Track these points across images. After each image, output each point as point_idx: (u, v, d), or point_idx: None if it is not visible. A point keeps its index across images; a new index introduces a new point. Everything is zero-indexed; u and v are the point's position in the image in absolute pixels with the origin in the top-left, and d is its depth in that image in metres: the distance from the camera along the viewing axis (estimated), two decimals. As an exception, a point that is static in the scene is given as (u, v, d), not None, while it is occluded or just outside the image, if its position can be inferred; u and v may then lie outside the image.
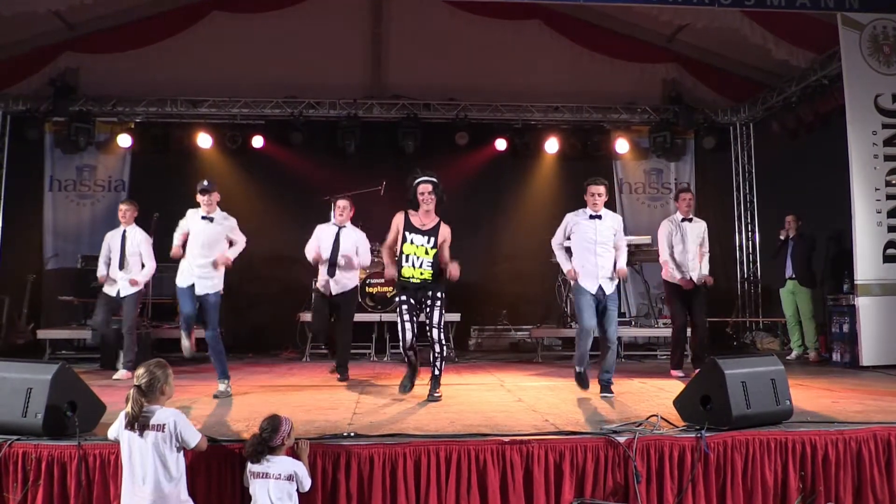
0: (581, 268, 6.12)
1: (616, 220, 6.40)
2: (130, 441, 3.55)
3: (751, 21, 8.78)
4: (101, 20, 9.87)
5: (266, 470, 3.66)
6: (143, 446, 3.53)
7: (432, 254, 5.80)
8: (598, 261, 6.09)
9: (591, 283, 6.06)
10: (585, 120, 11.36)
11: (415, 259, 5.79)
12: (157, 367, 3.68)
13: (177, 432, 3.58)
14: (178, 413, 3.66)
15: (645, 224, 11.31)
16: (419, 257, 5.79)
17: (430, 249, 5.79)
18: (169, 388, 3.69)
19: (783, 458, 4.19)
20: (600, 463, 4.07)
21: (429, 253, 5.79)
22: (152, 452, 3.51)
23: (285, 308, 9.92)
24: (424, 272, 5.76)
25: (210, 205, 6.27)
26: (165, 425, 3.56)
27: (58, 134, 10.93)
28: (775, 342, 10.25)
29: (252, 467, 3.70)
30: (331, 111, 11.08)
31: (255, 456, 3.69)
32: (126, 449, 3.56)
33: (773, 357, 4.75)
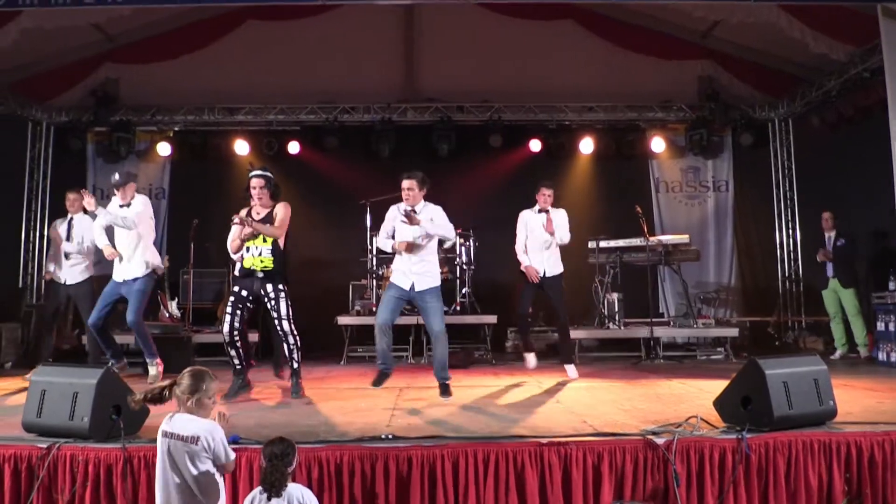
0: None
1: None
2: (163, 449, 3.33)
3: (788, 15, 8.62)
4: (139, 31, 10.08)
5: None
6: (172, 458, 3.29)
7: (270, 241, 5.85)
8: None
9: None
10: (620, 119, 11.28)
11: (253, 248, 5.86)
12: (194, 376, 3.40)
13: (208, 446, 3.29)
14: (215, 427, 3.37)
15: (682, 223, 11.22)
16: (257, 246, 5.86)
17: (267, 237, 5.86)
18: (208, 398, 3.39)
19: (827, 459, 4.11)
20: (639, 465, 4.03)
21: (267, 241, 5.85)
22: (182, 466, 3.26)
23: (323, 311, 10.00)
24: (265, 260, 5.84)
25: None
26: (199, 438, 3.28)
27: (99, 143, 11.21)
28: (819, 341, 10.04)
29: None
30: (365, 115, 11.16)
31: (277, 489, 3.34)
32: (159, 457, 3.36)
33: (815, 356, 4.67)
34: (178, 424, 3.30)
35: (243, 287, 5.91)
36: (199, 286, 9.71)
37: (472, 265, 9.97)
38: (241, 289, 5.91)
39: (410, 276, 5.93)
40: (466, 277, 9.97)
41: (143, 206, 6.85)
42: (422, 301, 5.94)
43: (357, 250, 10.25)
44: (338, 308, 9.82)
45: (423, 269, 5.96)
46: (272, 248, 5.86)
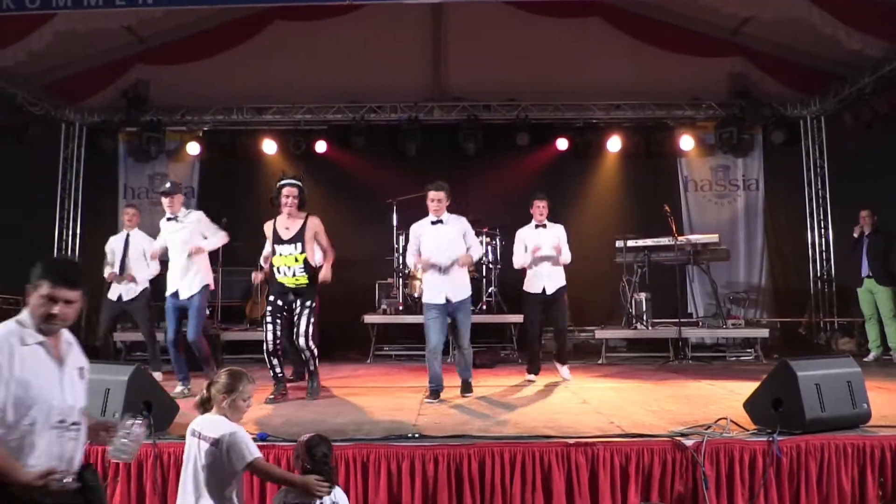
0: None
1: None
2: (189, 447, 3.29)
3: (820, 10, 8.47)
4: (169, 33, 10.20)
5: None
6: (198, 457, 3.22)
7: (302, 259, 5.84)
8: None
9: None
10: (648, 117, 11.18)
11: (285, 269, 5.86)
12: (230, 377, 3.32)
13: (227, 447, 3.17)
14: (238, 428, 3.26)
15: (712, 222, 11.09)
16: (290, 266, 5.85)
17: (298, 256, 5.85)
18: (241, 399, 3.30)
19: (860, 463, 4.04)
20: (667, 466, 3.99)
21: (298, 260, 5.84)
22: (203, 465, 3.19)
23: (349, 310, 10.04)
24: (299, 279, 5.86)
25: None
26: (220, 439, 3.19)
27: (130, 143, 11.37)
28: (852, 343, 9.86)
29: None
30: (392, 115, 11.18)
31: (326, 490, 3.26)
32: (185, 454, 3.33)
33: (848, 358, 4.59)
34: (205, 424, 3.27)
35: (278, 297, 5.94)
36: (228, 284, 9.81)
37: (499, 264, 9.95)
38: (276, 298, 5.95)
39: (443, 289, 5.94)
40: (493, 276, 9.95)
41: (196, 223, 6.71)
42: (455, 314, 6.01)
43: (383, 249, 10.29)
44: (364, 307, 9.86)
45: (456, 280, 5.99)
46: (304, 267, 5.87)
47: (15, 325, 2.61)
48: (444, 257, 5.97)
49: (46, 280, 2.61)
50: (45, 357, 2.62)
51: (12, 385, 2.49)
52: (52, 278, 2.62)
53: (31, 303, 2.62)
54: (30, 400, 2.52)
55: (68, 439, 2.63)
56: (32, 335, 2.60)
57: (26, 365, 2.55)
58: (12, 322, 2.63)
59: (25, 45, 8.62)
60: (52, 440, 2.58)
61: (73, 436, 2.65)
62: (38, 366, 2.58)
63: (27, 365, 2.55)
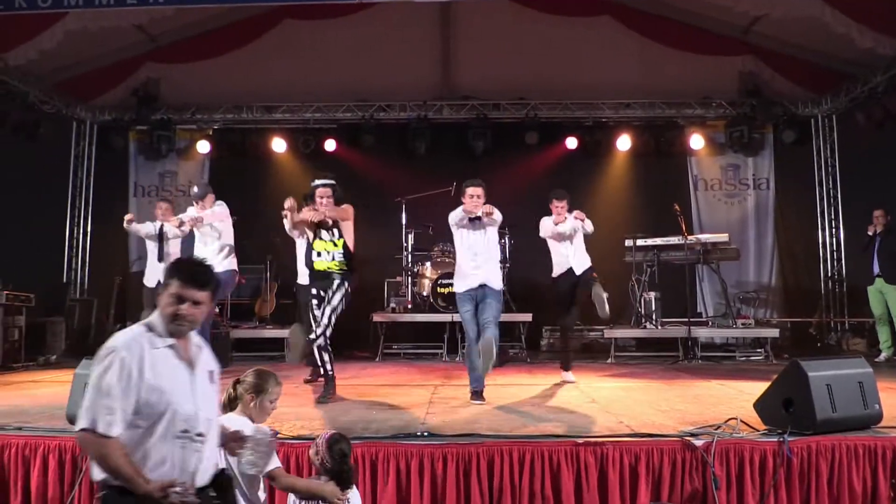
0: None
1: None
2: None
3: (832, 9, 8.43)
4: (180, 31, 10.25)
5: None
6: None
7: (341, 244, 5.90)
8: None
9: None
10: (658, 116, 11.15)
11: (325, 254, 5.89)
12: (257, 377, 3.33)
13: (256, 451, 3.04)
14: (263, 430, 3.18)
15: (722, 222, 11.05)
16: (329, 251, 5.90)
17: (337, 241, 5.92)
18: (268, 401, 3.31)
19: (872, 464, 4.01)
20: (677, 466, 3.97)
21: (337, 245, 5.91)
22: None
23: (358, 308, 10.03)
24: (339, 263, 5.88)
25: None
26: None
27: (141, 142, 11.43)
28: (862, 343, 9.81)
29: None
30: (401, 113, 11.19)
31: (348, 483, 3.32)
32: None
33: (860, 359, 4.56)
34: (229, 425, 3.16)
35: (320, 288, 5.88)
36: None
37: (508, 263, 9.94)
38: (318, 290, 5.89)
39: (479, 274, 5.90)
40: (502, 275, 9.92)
41: (219, 207, 6.85)
42: (483, 299, 5.86)
43: (393, 248, 10.29)
44: (373, 305, 9.87)
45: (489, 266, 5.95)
46: (343, 251, 5.88)
47: (143, 328, 2.57)
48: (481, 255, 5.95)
49: (176, 279, 2.57)
50: (175, 361, 2.56)
51: (143, 391, 2.44)
52: (182, 277, 2.57)
53: (161, 302, 2.58)
54: (162, 405, 2.47)
55: (192, 451, 2.55)
56: (162, 338, 2.55)
57: (157, 369, 2.49)
58: (140, 325, 2.58)
59: (37, 43, 8.69)
60: (175, 450, 2.50)
61: (197, 447, 2.56)
62: (169, 370, 2.53)
63: (158, 369, 2.49)
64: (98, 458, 2.41)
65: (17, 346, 8.64)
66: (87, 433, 2.40)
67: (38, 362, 8.82)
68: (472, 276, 5.91)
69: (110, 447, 2.39)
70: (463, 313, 5.95)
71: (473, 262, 5.95)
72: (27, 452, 4.18)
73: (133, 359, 2.45)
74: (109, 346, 2.48)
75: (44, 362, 8.90)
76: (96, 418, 2.39)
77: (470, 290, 5.90)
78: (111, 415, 2.39)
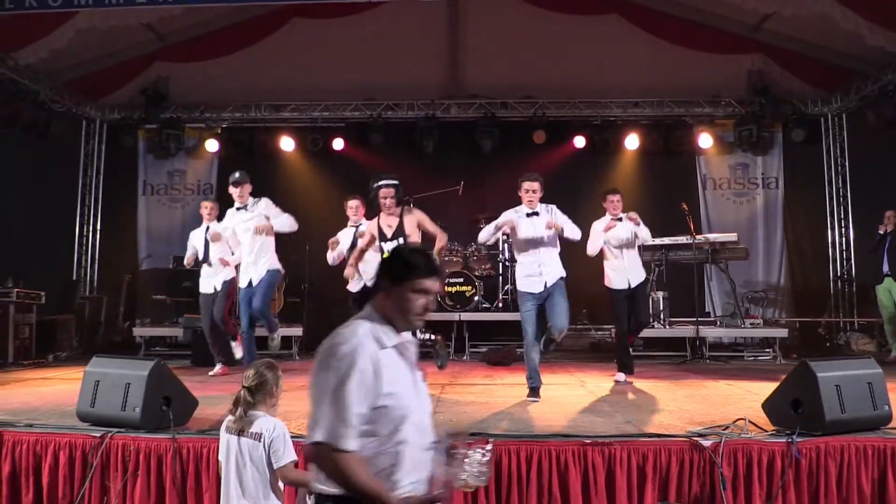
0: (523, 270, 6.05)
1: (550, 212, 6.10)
2: (229, 446, 3.34)
3: (842, 6, 8.38)
4: (188, 30, 10.28)
5: None
6: (240, 455, 3.30)
7: None
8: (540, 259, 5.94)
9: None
10: (667, 115, 11.11)
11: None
12: (268, 369, 3.41)
13: (269, 443, 3.26)
14: (280, 424, 3.36)
15: (731, 221, 10.99)
16: None
17: None
18: (278, 390, 3.42)
19: (881, 465, 4.00)
20: (685, 467, 3.97)
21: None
22: (249, 464, 3.27)
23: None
24: None
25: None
26: (262, 434, 3.28)
27: (150, 140, 11.47)
28: (872, 343, 9.75)
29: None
30: (409, 112, 11.19)
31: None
32: (224, 453, 3.38)
33: (870, 359, 4.54)
34: (246, 421, 3.31)
35: None
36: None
37: (515, 262, 9.91)
38: None
39: (543, 276, 5.85)
40: (509, 274, 9.94)
41: (264, 209, 6.84)
42: (551, 297, 5.82)
43: (400, 246, 10.29)
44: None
45: (551, 264, 5.91)
46: None
47: (368, 324, 2.33)
48: (544, 254, 5.90)
49: (418, 273, 2.38)
50: (401, 361, 2.36)
51: (380, 397, 2.21)
52: (425, 270, 2.39)
53: (401, 297, 2.36)
54: (398, 412, 2.25)
55: (426, 460, 2.35)
56: (390, 335, 2.34)
57: (390, 373, 2.27)
58: (362, 322, 2.33)
59: (48, 42, 8.74)
60: (417, 458, 2.30)
61: (429, 456, 2.37)
62: (399, 373, 2.32)
63: (391, 372, 2.27)
64: (336, 473, 2.17)
65: (27, 344, 8.71)
66: (323, 447, 2.16)
67: (48, 360, 8.87)
68: (536, 279, 5.86)
69: (352, 462, 2.16)
70: (524, 312, 5.90)
71: (535, 261, 5.89)
72: (38, 449, 4.22)
73: (368, 362, 2.21)
74: (343, 350, 2.22)
75: (54, 360, 8.96)
76: (335, 431, 2.14)
77: (534, 292, 5.85)
78: (350, 427, 2.16)
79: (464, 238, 10.00)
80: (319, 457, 2.19)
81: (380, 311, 2.38)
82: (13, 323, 8.43)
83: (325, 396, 2.17)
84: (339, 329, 2.30)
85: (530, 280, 5.89)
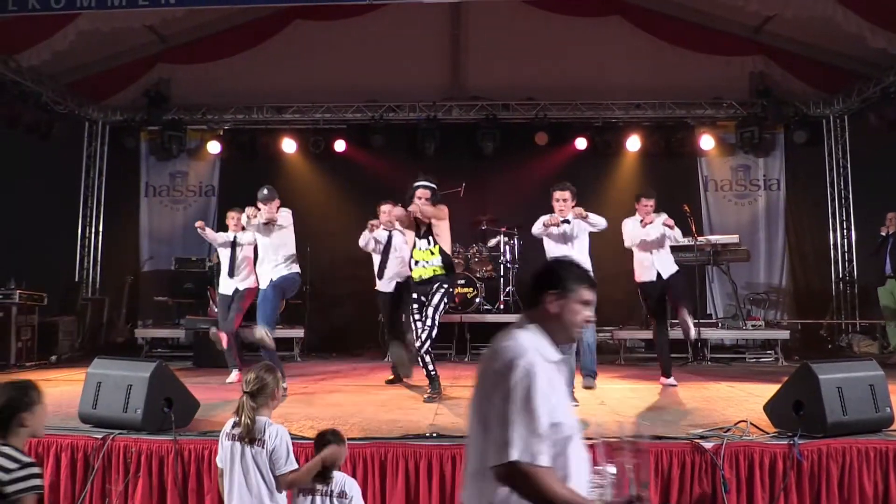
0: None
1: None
2: (233, 452, 3.32)
3: (844, 8, 8.37)
4: (190, 32, 10.31)
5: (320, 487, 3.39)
6: (245, 461, 3.28)
7: (437, 250, 5.90)
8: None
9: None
10: (668, 116, 11.10)
11: (423, 262, 5.92)
12: (267, 372, 3.39)
13: (271, 450, 3.26)
14: (284, 432, 3.35)
15: (732, 223, 10.99)
16: (427, 260, 5.91)
17: (433, 250, 5.92)
18: (279, 392, 3.43)
19: (883, 467, 4.00)
20: (686, 469, 3.97)
21: (434, 253, 5.90)
22: (253, 469, 3.26)
23: (367, 308, 10.08)
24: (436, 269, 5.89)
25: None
26: (266, 441, 3.28)
27: (152, 142, 11.48)
28: (874, 345, 9.72)
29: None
30: (410, 114, 11.19)
31: (325, 479, 3.39)
32: (227, 459, 3.35)
33: (871, 361, 4.54)
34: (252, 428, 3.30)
35: (421, 293, 5.93)
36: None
37: (517, 264, 9.94)
38: (419, 295, 5.94)
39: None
40: (510, 276, 9.94)
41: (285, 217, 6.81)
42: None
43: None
44: (381, 305, 9.87)
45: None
46: (441, 258, 5.90)
47: (531, 337, 2.26)
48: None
49: (582, 284, 2.35)
50: (559, 376, 2.27)
51: (555, 412, 2.11)
52: (588, 282, 2.37)
53: (566, 309, 2.31)
54: (568, 427, 2.16)
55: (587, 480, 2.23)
56: (550, 350, 2.27)
57: (558, 386, 2.21)
58: (525, 334, 2.26)
59: (50, 44, 8.77)
60: (580, 479, 2.19)
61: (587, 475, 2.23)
62: (561, 386, 2.27)
63: (558, 386, 2.21)
64: (537, 492, 2.05)
65: (29, 345, 8.72)
66: (519, 466, 2.04)
67: (50, 361, 8.88)
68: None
69: (550, 478, 2.06)
70: None
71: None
72: (40, 451, 4.22)
73: (546, 376, 2.13)
74: (521, 364, 2.12)
75: (56, 361, 8.97)
76: (531, 448, 2.04)
77: None
78: (544, 442, 2.07)
79: (465, 240, 10.01)
80: (516, 476, 2.06)
81: (539, 323, 2.31)
82: (15, 324, 8.43)
83: (513, 415, 2.06)
84: (502, 343, 2.23)
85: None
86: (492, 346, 2.26)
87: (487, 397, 2.14)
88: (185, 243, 11.11)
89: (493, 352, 2.22)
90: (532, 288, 2.38)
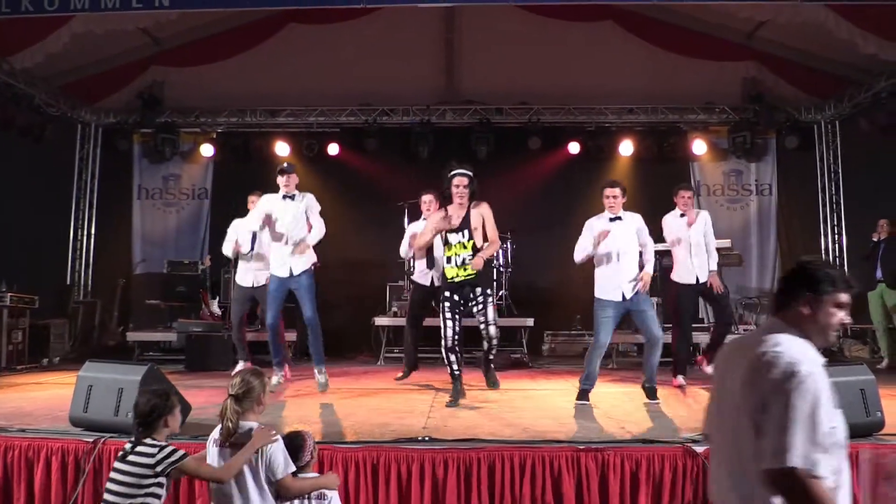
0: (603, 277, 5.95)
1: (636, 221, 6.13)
2: (220, 458, 3.29)
3: (836, 15, 8.41)
4: (184, 35, 10.27)
5: None
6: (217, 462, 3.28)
7: (470, 246, 5.74)
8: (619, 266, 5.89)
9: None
10: (661, 121, 11.14)
11: (455, 258, 5.75)
12: (254, 376, 3.38)
13: (267, 458, 3.23)
14: (277, 437, 3.35)
15: (724, 227, 10.99)
16: (459, 254, 5.75)
17: (466, 243, 5.75)
18: (266, 397, 3.40)
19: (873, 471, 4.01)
20: (678, 473, 3.98)
21: (466, 247, 5.75)
22: (248, 475, 3.21)
23: (361, 311, 10.09)
24: (468, 268, 5.70)
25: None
26: (260, 448, 3.24)
27: (145, 144, 11.45)
28: (864, 350, 9.78)
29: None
30: (404, 117, 11.20)
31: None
32: (215, 465, 3.31)
33: (862, 366, 4.56)
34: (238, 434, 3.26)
35: (454, 292, 5.81)
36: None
37: (510, 267, 9.95)
38: (451, 293, 5.81)
39: (625, 285, 5.81)
40: (504, 279, 9.95)
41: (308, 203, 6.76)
42: (638, 307, 5.85)
43: (395, 251, 10.27)
44: (375, 309, 9.88)
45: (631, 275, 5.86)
46: (473, 254, 5.73)
47: (800, 342, 2.21)
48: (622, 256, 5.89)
49: (841, 287, 2.29)
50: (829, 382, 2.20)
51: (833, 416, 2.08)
52: (847, 285, 2.30)
53: (823, 312, 2.26)
54: (841, 435, 2.14)
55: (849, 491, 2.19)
56: (819, 355, 2.20)
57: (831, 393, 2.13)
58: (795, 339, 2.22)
59: (43, 46, 8.74)
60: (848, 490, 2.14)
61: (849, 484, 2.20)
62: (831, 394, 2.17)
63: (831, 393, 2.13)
64: (809, 500, 2.02)
65: (20, 348, 8.68)
66: (797, 473, 2.01)
67: (41, 364, 8.85)
68: (616, 289, 5.82)
69: (823, 489, 2.03)
70: (602, 318, 5.85)
71: (615, 269, 5.84)
72: (31, 454, 4.21)
73: (825, 383, 2.10)
74: (804, 369, 2.09)
75: (47, 364, 8.93)
76: (811, 457, 2.01)
77: (615, 301, 5.82)
78: (824, 452, 2.03)
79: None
80: (791, 483, 2.03)
81: (797, 326, 2.27)
82: (6, 327, 8.40)
83: (795, 421, 2.03)
84: (776, 348, 2.17)
85: (610, 288, 5.87)
86: (753, 350, 2.20)
87: (763, 405, 2.10)
88: (178, 246, 11.10)
89: (758, 356, 2.17)
90: (784, 289, 2.35)
